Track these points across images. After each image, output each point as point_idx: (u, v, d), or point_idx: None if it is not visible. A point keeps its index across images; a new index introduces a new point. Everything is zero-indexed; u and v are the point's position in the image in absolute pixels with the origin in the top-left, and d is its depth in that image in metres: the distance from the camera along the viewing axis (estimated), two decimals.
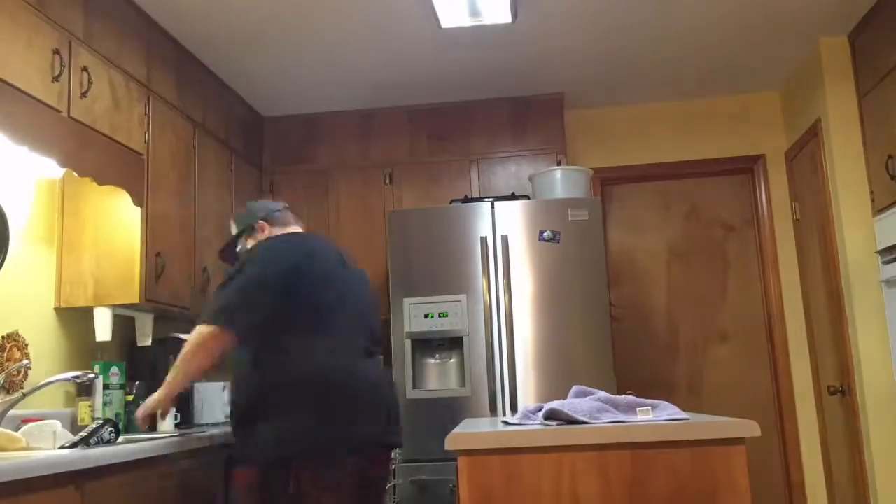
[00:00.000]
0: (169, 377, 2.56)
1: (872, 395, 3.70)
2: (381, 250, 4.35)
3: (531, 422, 2.09)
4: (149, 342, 3.44)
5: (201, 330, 2.45)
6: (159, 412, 2.75)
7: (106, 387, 3.15)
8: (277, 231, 2.77)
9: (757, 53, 4.13)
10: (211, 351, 2.46)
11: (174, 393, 2.59)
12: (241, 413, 2.46)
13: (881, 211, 3.67)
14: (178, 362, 2.52)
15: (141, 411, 2.62)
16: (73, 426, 3.02)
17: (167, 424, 3.22)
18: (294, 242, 2.65)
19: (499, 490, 1.83)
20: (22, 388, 2.79)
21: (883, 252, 3.69)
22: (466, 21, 3.49)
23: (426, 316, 3.75)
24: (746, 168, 4.72)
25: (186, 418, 3.50)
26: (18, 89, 2.50)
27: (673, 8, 3.58)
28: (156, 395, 2.59)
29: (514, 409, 3.63)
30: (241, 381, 2.50)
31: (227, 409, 3.24)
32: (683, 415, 1.98)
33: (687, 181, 4.78)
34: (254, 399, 2.43)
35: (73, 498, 2.01)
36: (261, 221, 2.80)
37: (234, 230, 2.87)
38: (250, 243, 2.75)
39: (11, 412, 2.63)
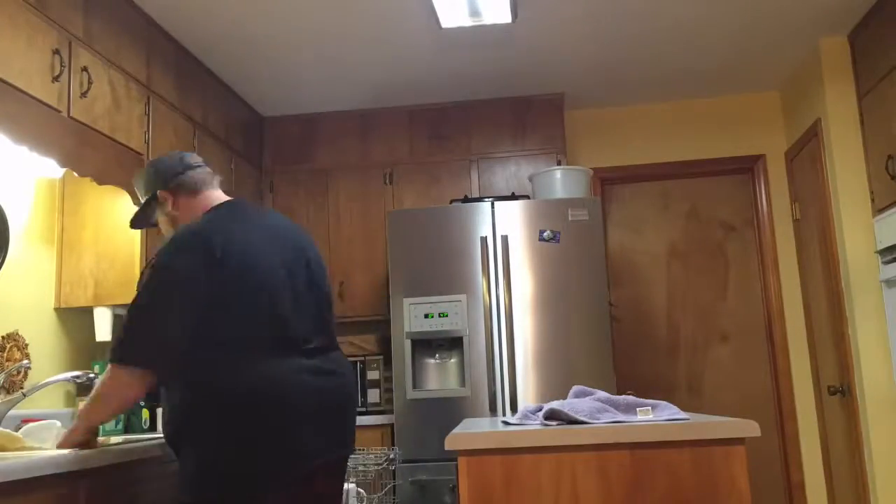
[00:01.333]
0: (82, 415, 2.10)
1: (872, 395, 3.70)
2: (381, 250, 4.36)
3: (531, 422, 2.09)
4: None
5: (114, 372, 1.99)
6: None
7: None
8: (188, 201, 2.24)
9: (757, 53, 4.13)
10: (125, 397, 2.03)
11: (94, 428, 2.14)
12: (170, 440, 2.10)
13: (881, 211, 3.67)
14: (90, 403, 2.06)
15: (60, 445, 2.13)
16: None
17: None
18: (209, 229, 2.09)
19: (499, 490, 1.83)
20: (22, 388, 2.79)
21: (883, 252, 3.69)
22: (466, 21, 3.49)
23: (426, 316, 3.75)
24: (746, 168, 4.72)
25: None
26: (18, 89, 2.50)
27: (673, 8, 3.57)
28: (76, 430, 2.12)
29: (514, 409, 3.63)
30: (166, 404, 2.10)
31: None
32: (683, 415, 1.97)
33: (687, 181, 4.78)
34: (179, 425, 2.05)
35: (73, 498, 2.01)
36: (161, 192, 2.24)
37: (140, 195, 2.33)
38: (160, 218, 2.29)
39: (11, 412, 2.63)
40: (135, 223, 2.38)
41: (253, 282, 2.06)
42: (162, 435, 2.18)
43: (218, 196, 2.28)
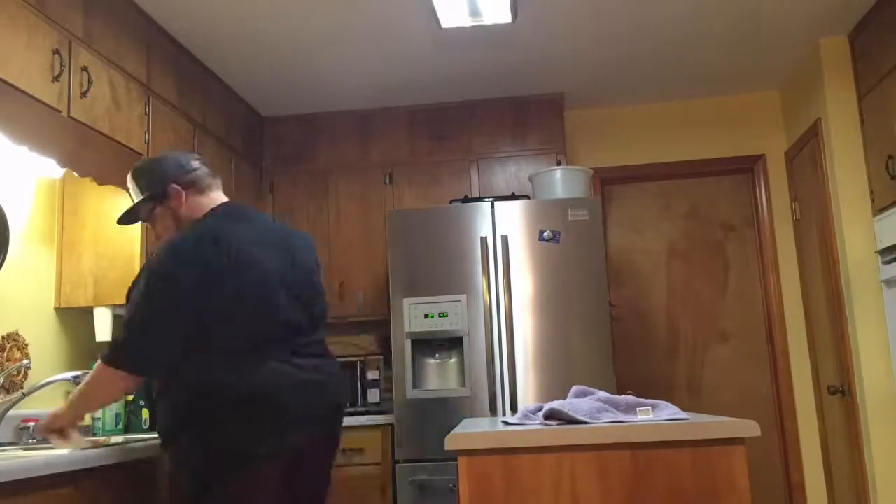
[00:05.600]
0: (72, 403, 2.19)
1: (872, 395, 3.70)
2: (381, 250, 4.35)
3: (531, 422, 2.09)
4: None
5: (105, 371, 2.09)
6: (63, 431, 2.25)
7: None
8: (196, 200, 2.27)
9: (757, 54, 4.12)
10: (114, 394, 2.27)
11: (78, 419, 2.26)
12: (166, 435, 2.20)
13: (881, 211, 3.67)
14: (78, 395, 2.17)
15: (43, 426, 2.22)
16: None
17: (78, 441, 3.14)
18: (216, 235, 2.14)
19: (499, 490, 1.83)
20: (22, 388, 2.79)
21: (883, 252, 3.69)
22: (466, 21, 3.49)
23: (426, 316, 3.75)
24: (746, 168, 4.72)
25: None
26: (18, 89, 2.50)
27: (673, 8, 3.57)
28: (61, 415, 2.20)
29: (514, 409, 3.63)
30: (162, 401, 2.20)
31: None
32: (683, 415, 1.98)
33: (687, 181, 4.77)
34: (180, 420, 2.14)
35: (73, 498, 2.01)
36: (174, 186, 2.26)
37: (136, 194, 2.32)
38: (160, 213, 2.30)
39: (11, 412, 2.63)
40: (124, 219, 2.38)
41: (254, 287, 2.14)
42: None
43: (219, 198, 2.35)
